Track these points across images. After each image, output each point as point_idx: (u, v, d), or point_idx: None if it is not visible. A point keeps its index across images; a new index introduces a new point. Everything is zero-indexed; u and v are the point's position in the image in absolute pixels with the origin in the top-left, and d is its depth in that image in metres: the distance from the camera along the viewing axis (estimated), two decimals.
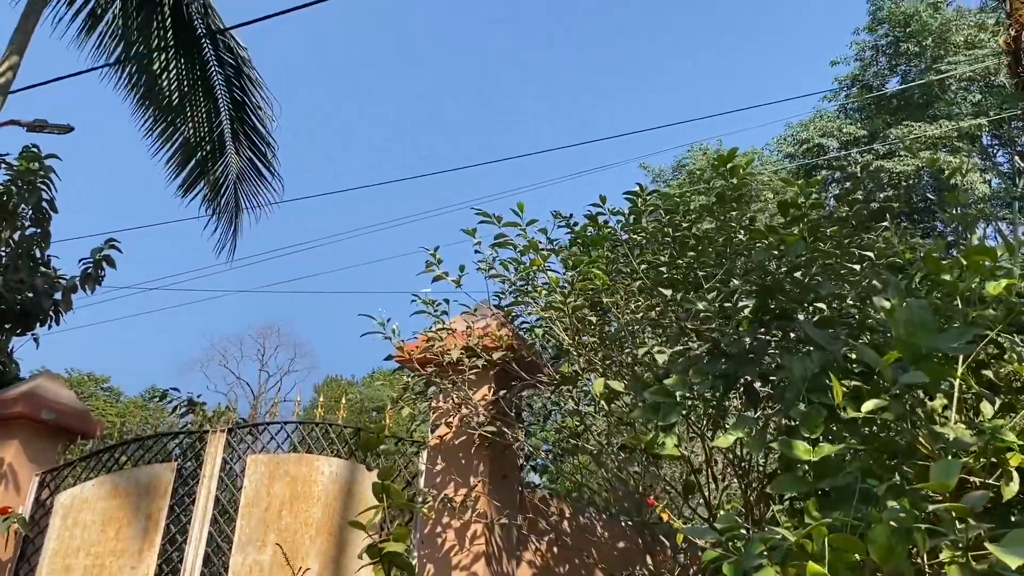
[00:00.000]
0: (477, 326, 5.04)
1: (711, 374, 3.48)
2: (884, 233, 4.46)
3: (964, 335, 2.51)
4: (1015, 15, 4.11)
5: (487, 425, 4.87)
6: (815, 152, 24.75)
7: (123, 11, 10.50)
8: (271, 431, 6.16)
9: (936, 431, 2.91)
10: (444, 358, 4.88)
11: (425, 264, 4.88)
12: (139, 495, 6.27)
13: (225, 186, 11.45)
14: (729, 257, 4.00)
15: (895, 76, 25.28)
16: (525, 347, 5.07)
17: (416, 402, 5.27)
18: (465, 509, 4.94)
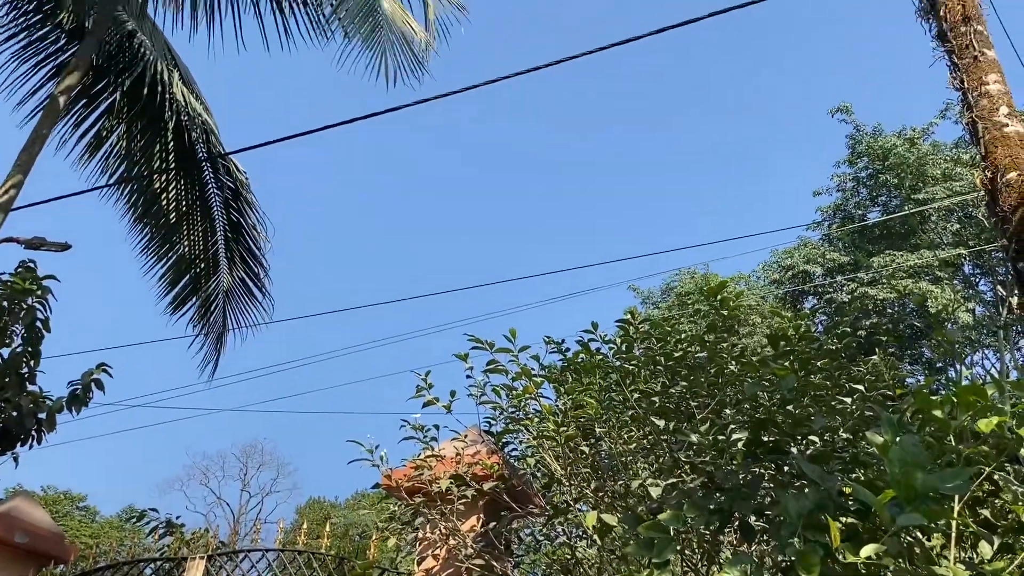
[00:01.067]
0: (467, 453, 4.97)
1: (706, 509, 3.43)
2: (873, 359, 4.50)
3: (960, 475, 2.49)
4: (990, 157, 4.28)
5: (475, 558, 4.74)
6: (800, 278, 25.18)
7: (127, 134, 10.83)
8: (252, 558, 5.97)
9: (936, 572, 2.86)
10: (433, 487, 4.79)
11: (416, 389, 4.86)
12: None
13: (215, 304, 11.51)
14: (721, 387, 4.01)
15: (876, 207, 26.02)
16: (516, 476, 4.99)
17: (402, 532, 5.14)
18: None
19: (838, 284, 23.69)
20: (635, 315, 4.60)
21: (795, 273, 25.22)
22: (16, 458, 7.52)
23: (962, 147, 23.83)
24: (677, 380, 4.16)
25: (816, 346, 3.96)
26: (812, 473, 3.09)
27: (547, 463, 4.49)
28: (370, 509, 11.11)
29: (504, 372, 4.64)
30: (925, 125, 25.39)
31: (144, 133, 10.85)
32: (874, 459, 3.86)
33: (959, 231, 23.87)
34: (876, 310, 22.80)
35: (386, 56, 9.23)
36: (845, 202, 26.53)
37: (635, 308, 4.86)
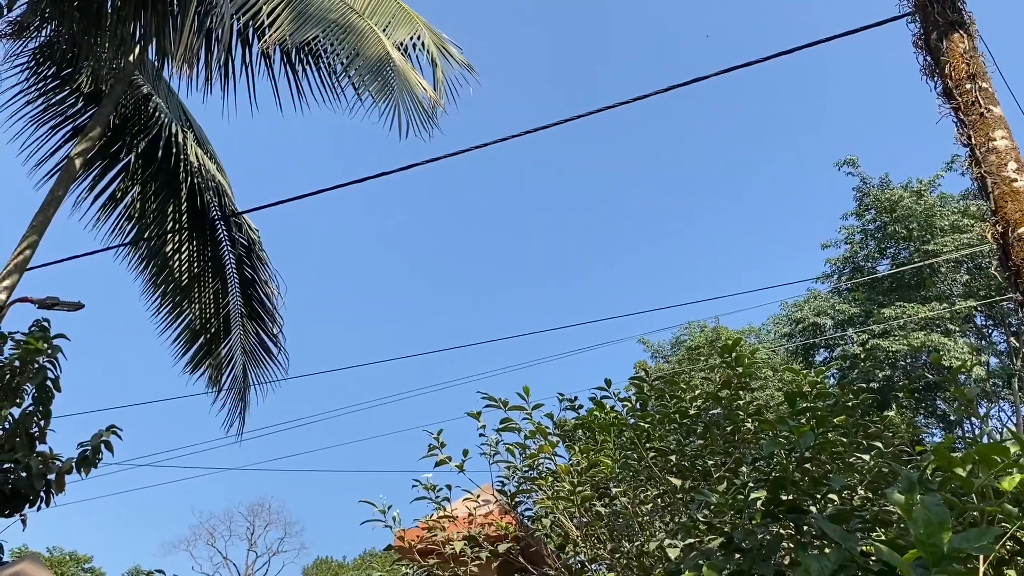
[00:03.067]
0: (480, 513, 4.92)
1: (725, 570, 3.37)
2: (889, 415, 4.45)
3: (986, 535, 2.45)
4: (1000, 212, 4.30)
5: None
6: (811, 331, 25.07)
7: (142, 195, 10.96)
8: None
9: None
10: (446, 549, 4.73)
11: (428, 448, 4.82)
12: None
13: (232, 362, 11.50)
14: (737, 445, 3.98)
15: (885, 258, 26.01)
16: (530, 537, 4.92)
17: None
18: None
19: (849, 337, 23.57)
20: (648, 371, 4.58)
21: (805, 326, 25.13)
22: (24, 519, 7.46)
23: (969, 198, 23.90)
24: (692, 438, 4.12)
25: (832, 402, 3.93)
26: (833, 533, 3.04)
27: (561, 523, 4.43)
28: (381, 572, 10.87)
29: (517, 430, 4.61)
30: (931, 177, 25.51)
31: (158, 194, 10.98)
32: (894, 517, 3.80)
33: (969, 282, 23.81)
34: (889, 362, 22.63)
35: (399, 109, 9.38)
36: (854, 254, 26.54)
37: (645, 362, 4.85)
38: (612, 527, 4.36)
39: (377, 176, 7.69)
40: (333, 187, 8.06)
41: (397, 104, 8.91)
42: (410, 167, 7.34)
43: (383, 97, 9.00)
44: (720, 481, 3.73)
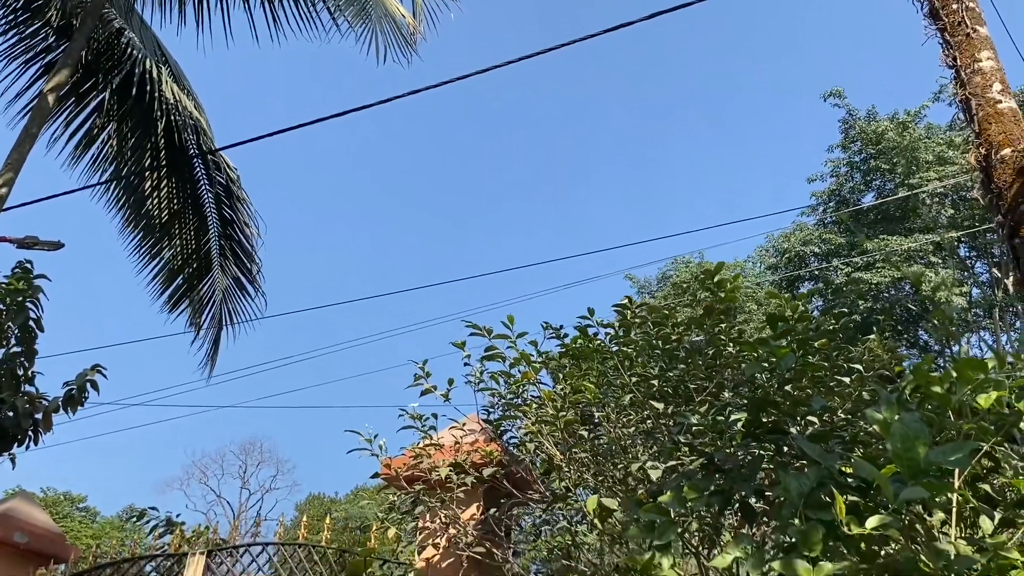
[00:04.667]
0: (466, 441, 4.96)
1: (706, 490, 3.42)
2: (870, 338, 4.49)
3: (962, 449, 2.49)
4: (984, 134, 4.27)
5: (476, 545, 4.73)
6: (796, 262, 25.19)
7: (118, 133, 10.76)
8: (252, 552, 5.95)
9: (938, 548, 2.85)
10: (432, 475, 4.78)
11: (413, 378, 4.84)
12: None
13: (211, 303, 11.47)
14: (719, 370, 4.00)
15: (870, 191, 26.02)
16: (515, 463, 4.98)
17: (402, 522, 5.12)
18: None
19: (834, 268, 23.70)
20: (632, 301, 4.59)
21: (791, 257, 25.24)
22: (13, 459, 7.49)
23: (955, 129, 23.83)
24: (675, 364, 4.14)
25: (814, 327, 3.95)
26: (812, 452, 3.08)
27: (546, 449, 4.48)
28: (370, 500, 11.01)
29: (502, 359, 4.62)
30: (918, 108, 25.38)
31: (134, 132, 10.79)
32: (873, 439, 3.85)
33: (953, 215, 23.90)
34: (872, 294, 22.83)
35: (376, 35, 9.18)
36: (840, 187, 26.52)
37: (631, 296, 4.84)
38: (595, 452, 4.41)
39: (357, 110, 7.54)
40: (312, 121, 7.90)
41: (374, 29, 8.72)
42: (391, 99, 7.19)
43: (360, 22, 8.81)
44: (702, 404, 3.77)
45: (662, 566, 3.34)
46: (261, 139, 7.88)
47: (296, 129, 7.71)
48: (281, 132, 7.88)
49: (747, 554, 3.07)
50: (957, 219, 23.68)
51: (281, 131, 7.87)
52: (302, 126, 7.71)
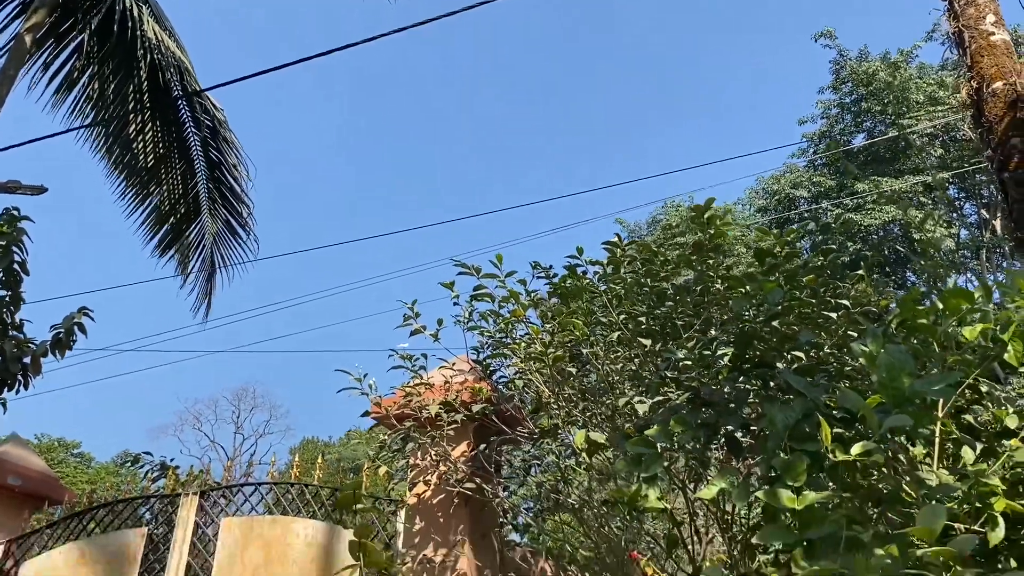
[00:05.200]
0: (455, 381, 4.99)
1: (692, 424, 3.45)
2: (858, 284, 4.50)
3: (945, 379, 2.51)
4: (976, 67, 4.22)
5: (466, 482, 4.79)
6: (786, 204, 25.17)
7: (99, 75, 10.54)
8: (245, 492, 6.02)
9: (920, 477, 2.90)
10: (422, 413, 4.81)
11: (403, 317, 4.84)
12: (108, 563, 6.07)
13: (201, 246, 11.40)
14: (707, 307, 4.01)
15: (861, 132, 25.90)
16: (504, 400, 5.02)
17: (393, 460, 5.17)
18: (445, 569, 4.82)
19: (824, 209, 23.70)
20: (621, 239, 4.57)
21: (780, 199, 25.21)
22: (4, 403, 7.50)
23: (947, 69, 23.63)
24: (663, 301, 4.14)
25: (802, 263, 3.95)
26: (798, 384, 3.10)
27: (535, 386, 4.50)
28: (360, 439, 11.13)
29: (491, 298, 4.62)
30: (910, 47, 25.12)
31: (116, 73, 10.57)
32: (859, 374, 3.89)
33: (943, 155, 23.83)
34: (861, 236, 22.87)
35: None
36: (830, 128, 26.37)
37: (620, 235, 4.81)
38: (584, 389, 4.45)
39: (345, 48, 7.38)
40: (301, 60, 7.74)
41: None
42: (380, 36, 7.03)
43: None
44: (689, 341, 3.78)
45: (648, 497, 3.38)
46: (248, 79, 7.73)
47: (286, 68, 7.56)
48: (271, 71, 7.72)
49: (732, 485, 3.11)
50: (947, 160, 23.63)
51: (271, 69, 7.72)
52: (292, 64, 7.56)
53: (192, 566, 5.84)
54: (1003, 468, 2.73)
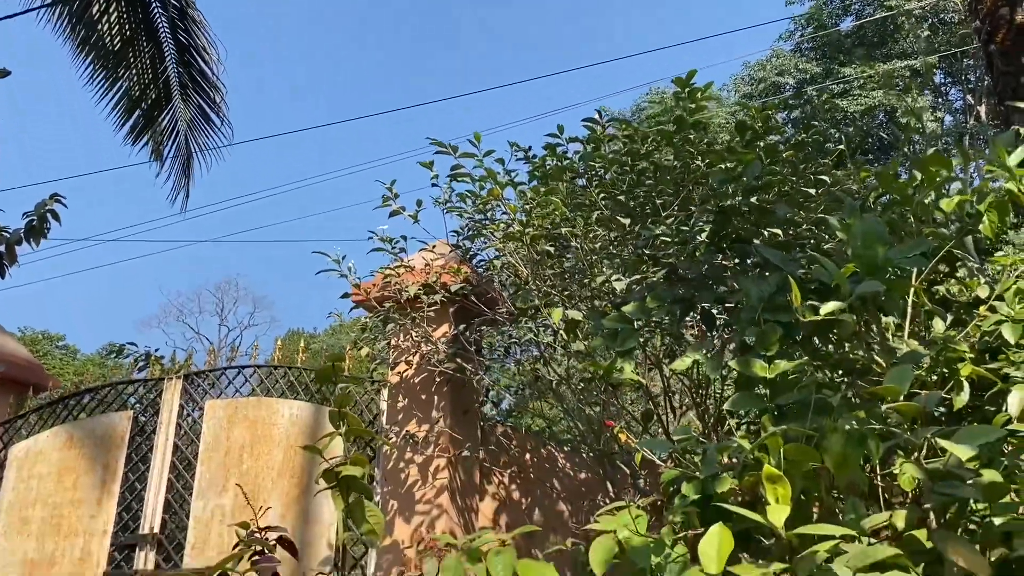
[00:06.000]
0: (436, 263, 4.98)
1: (668, 300, 3.48)
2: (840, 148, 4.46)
3: (919, 246, 2.52)
4: None
5: (447, 362, 4.85)
6: (771, 91, 24.83)
7: None
8: (228, 376, 6.08)
9: (890, 346, 2.95)
10: (402, 295, 4.82)
11: (382, 199, 4.78)
12: (95, 445, 6.17)
13: (175, 132, 11.13)
14: (687, 185, 3.98)
15: (849, 15, 25.33)
16: (484, 283, 5.03)
17: (375, 342, 5.22)
18: (427, 444, 4.94)
19: (809, 96, 23.41)
20: (602, 114, 4.49)
21: (766, 85, 24.85)
22: None
23: None
24: (643, 179, 4.11)
25: (783, 139, 3.90)
26: (773, 258, 3.11)
27: (514, 267, 4.51)
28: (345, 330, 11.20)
29: (469, 178, 4.56)
30: None
31: None
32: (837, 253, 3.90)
33: (931, 38, 23.41)
34: (845, 122, 22.70)
35: None
36: (818, 11, 25.76)
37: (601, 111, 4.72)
38: (562, 270, 4.46)
39: None
40: None
41: None
42: None
43: None
44: (668, 219, 3.77)
45: (624, 371, 3.44)
46: None
47: None
48: None
49: (706, 357, 3.17)
50: (935, 43, 23.24)
51: None
52: None
53: (179, 447, 5.96)
54: (972, 336, 2.79)
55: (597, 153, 4.15)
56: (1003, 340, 2.67)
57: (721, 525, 2.09)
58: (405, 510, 4.96)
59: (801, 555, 1.85)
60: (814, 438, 2.37)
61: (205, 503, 5.59)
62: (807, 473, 2.37)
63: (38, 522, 6.07)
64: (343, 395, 2.51)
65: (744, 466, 2.45)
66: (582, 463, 5.59)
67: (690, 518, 2.68)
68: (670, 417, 4.57)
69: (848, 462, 2.21)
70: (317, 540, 5.14)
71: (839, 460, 2.22)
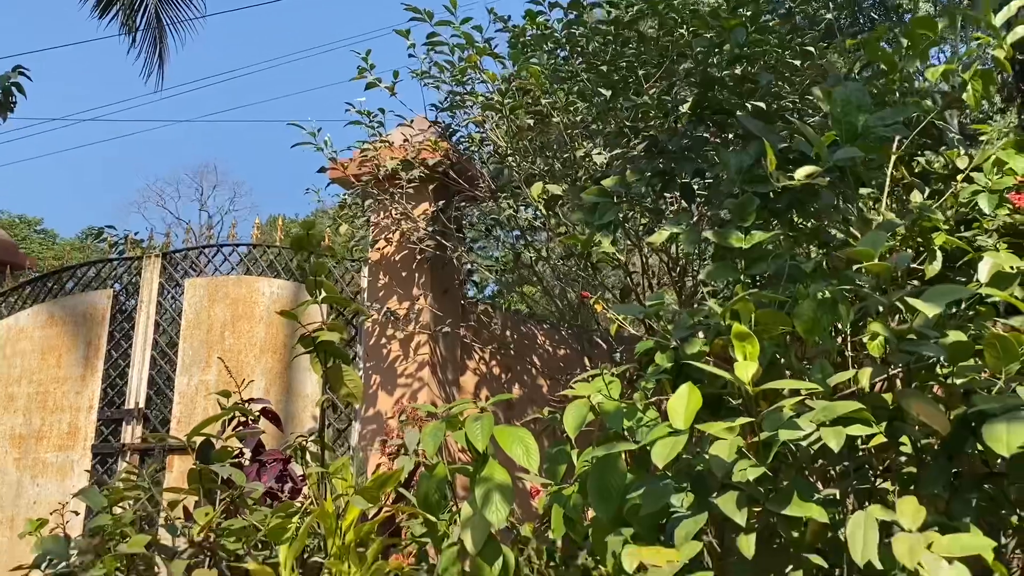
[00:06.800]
0: (414, 139, 4.90)
1: (648, 172, 3.45)
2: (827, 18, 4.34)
3: (899, 113, 2.49)
4: None
5: (427, 240, 4.84)
6: None
7: None
8: (208, 254, 6.05)
9: (866, 217, 2.96)
10: (380, 171, 4.76)
11: (357, 70, 4.65)
12: (77, 323, 6.19)
13: (143, 5, 10.69)
14: (671, 55, 3.88)
15: None
16: (464, 160, 4.96)
17: (354, 218, 5.18)
18: (409, 321, 4.98)
19: None
20: None
21: None
22: None
23: None
24: (626, 49, 4.00)
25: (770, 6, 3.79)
26: (755, 128, 3.07)
27: (494, 142, 4.43)
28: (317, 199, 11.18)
29: (447, 48, 4.42)
30: None
31: None
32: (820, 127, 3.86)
33: None
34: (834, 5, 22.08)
35: None
36: None
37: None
38: (543, 143, 4.39)
39: None
40: None
41: None
42: None
43: None
44: (651, 90, 3.69)
45: (602, 244, 3.44)
46: None
47: None
48: None
49: (684, 230, 3.16)
50: None
51: None
52: None
53: (161, 325, 5.98)
54: (948, 206, 2.79)
55: (580, 20, 4.02)
56: (979, 211, 2.68)
57: (690, 384, 2.14)
58: (387, 384, 5.05)
59: (767, 410, 1.90)
60: (786, 304, 2.40)
61: (189, 379, 5.66)
62: (777, 339, 2.40)
63: (24, 398, 6.14)
64: (319, 263, 2.50)
65: (716, 331, 2.48)
66: (561, 340, 5.67)
67: (662, 385, 2.73)
68: (647, 294, 4.62)
69: (817, 327, 2.24)
70: (301, 413, 5.24)
71: (809, 325, 2.25)
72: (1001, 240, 2.54)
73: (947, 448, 1.97)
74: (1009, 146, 2.59)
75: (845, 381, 2.02)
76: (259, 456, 3.80)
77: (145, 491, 2.87)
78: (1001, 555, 1.93)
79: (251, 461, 3.76)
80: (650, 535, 2.14)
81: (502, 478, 2.98)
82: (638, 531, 2.14)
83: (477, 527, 2.92)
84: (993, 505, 1.98)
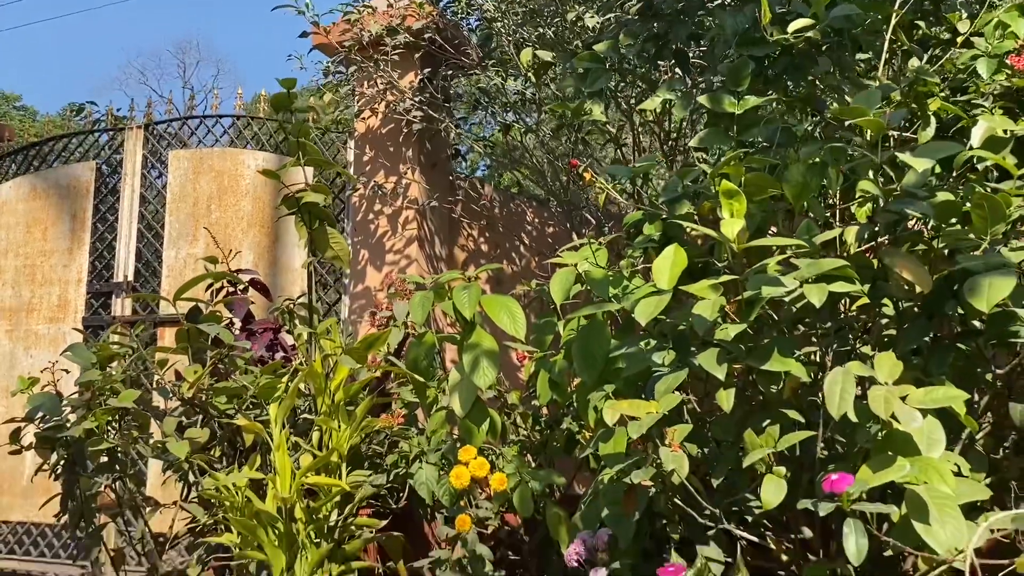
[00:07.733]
0: (399, 4, 4.72)
1: (642, 36, 3.35)
2: None
3: None
4: None
5: (414, 111, 4.73)
6: None
7: None
8: (191, 126, 5.93)
9: (862, 82, 2.90)
10: (364, 35, 4.60)
11: None
12: (61, 196, 6.11)
13: None
14: None
15: None
16: (451, 27, 4.80)
17: (338, 87, 5.04)
18: (396, 195, 4.93)
19: None
20: None
21: None
22: None
23: None
24: None
25: None
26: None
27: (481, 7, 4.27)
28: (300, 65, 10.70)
29: None
30: None
31: None
32: None
33: None
34: None
35: None
36: None
37: None
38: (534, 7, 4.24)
39: None
40: None
41: None
42: None
43: None
44: None
45: (592, 112, 3.38)
46: None
47: None
48: None
49: (677, 95, 3.10)
50: None
51: None
52: None
53: (146, 198, 5.91)
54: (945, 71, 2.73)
55: None
56: (977, 76, 2.61)
57: (676, 246, 2.13)
58: (376, 259, 5.05)
59: (752, 267, 1.90)
60: (776, 168, 2.38)
61: (177, 251, 5.64)
62: (765, 206, 2.39)
63: (12, 271, 6.13)
64: (301, 125, 2.45)
65: (704, 196, 2.46)
66: (550, 217, 5.65)
67: (649, 254, 2.73)
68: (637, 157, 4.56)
69: (806, 191, 2.23)
70: (290, 287, 5.25)
71: (798, 189, 2.23)
72: (996, 106, 2.49)
73: (928, 308, 1.99)
74: (1013, 8, 2.51)
75: (831, 240, 2.01)
76: (249, 325, 3.83)
77: (134, 350, 2.90)
78: (973, 411, 1.97)
79: (241, 330, 3.79)
80: (631, 392, 2.18)
81: (489, 345, 3.03)
82: (619, 388, 2.18)
83: (465, 390, 2.98)
84: (969, 364, 2.01)
